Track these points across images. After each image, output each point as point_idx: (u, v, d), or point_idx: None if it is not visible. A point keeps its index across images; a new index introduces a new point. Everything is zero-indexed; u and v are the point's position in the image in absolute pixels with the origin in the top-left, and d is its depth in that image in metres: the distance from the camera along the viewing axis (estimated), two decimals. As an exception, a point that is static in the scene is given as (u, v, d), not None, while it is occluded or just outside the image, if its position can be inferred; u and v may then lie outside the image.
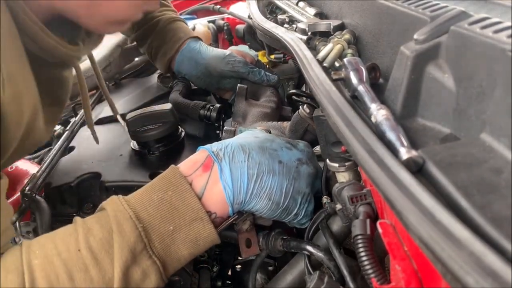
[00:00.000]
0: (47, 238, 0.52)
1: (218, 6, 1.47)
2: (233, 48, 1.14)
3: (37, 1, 0.57)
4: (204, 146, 0.61)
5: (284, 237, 0.67)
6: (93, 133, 0.85)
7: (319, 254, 0.62)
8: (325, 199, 0.64)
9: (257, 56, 1.14)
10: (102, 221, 0.52)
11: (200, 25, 1.44)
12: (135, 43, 1.17)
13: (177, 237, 0.53)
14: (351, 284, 0.55)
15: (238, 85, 0.92)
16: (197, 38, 1.07)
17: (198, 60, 1.01)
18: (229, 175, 0.56)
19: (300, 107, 0.77)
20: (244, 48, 1.26)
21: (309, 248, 0.63)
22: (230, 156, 0.58)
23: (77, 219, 0.54)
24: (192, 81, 1.07)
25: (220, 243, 0.57)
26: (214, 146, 0.60)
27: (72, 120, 1.01)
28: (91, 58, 0.81)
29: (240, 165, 0.57)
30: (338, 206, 0.55)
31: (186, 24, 1.11)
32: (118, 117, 0.92)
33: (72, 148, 0.90)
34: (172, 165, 0.59)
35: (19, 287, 0.47)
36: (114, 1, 0.61)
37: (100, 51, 1.14)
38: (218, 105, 0.94)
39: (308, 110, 0.76)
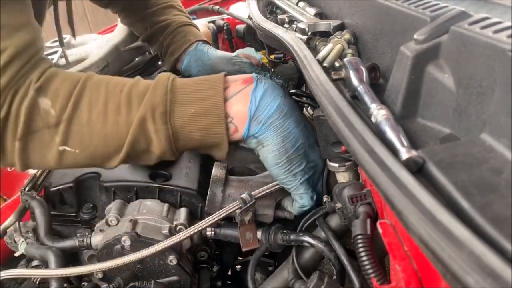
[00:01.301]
0: (107, 76, 0.66)
1: (218, 7, 1.47)
2: (239, 51, 1.15)
3: None
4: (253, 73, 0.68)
5: (284, 231, 0.68)
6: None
7: (319, 246, 0.62)
8: (325, 198, 0.64)
9: (262, 59, 1.14)
10: (149, 82, 0.64)
11: (200, 25, 1.44)
12: (135, 44, 1.18)
13: (194, 120, 0.62)
14: (351, 274, 0.55)
15: None
16: (206, 42, 1.10)
17: (205, 60, 1.03)
18: (261, 95, 0.63)
19: (304, 108, 0.77)
20: (250, 50, 1.27)
21: (309, 239, 0.64)
22: (270, 85, 0.65)
23: (138, 77, 0.66)
24: None
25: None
26: (261, 76, 0.67)
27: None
28: None
29: (275, 96, 0.64)
30: (338, 205, 0.55)
31: (198, 29, 1.14)
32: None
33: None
34: (223, 73, 0.66)
35: (69, 92, 0.61)
36: None
37: (98, 52, 1.14)
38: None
39: (311, 112, 0.76)
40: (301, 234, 0.66)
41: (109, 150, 0.63)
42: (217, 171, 0.68)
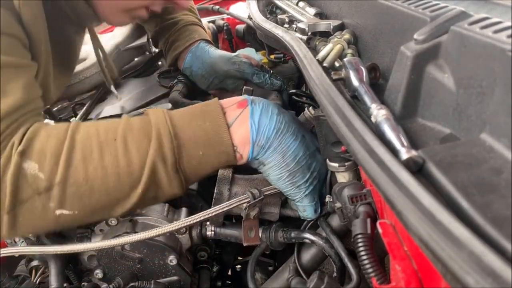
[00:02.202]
0: (93, 123, 0.60)
1: (218, 7, 1.47)
2: (240, 51, 1.15)
3: None
4: (244, 95, 0.67)
5: (284, 229, 0.68)
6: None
7: (320, 242, 0.63)
8: (327, 198, 0.64)
9: (262, 60, 1.14)
10: (143, 124, 0.59)
11: (200, 25, 1.44)
12: (135, 43, 1.18)
13: (203, 161, 0.60)
14: (351, 270, 0.55)
15: (244, 87, 0.93)
16: (210, 42, 1.11)
17: (205, 59, 1.03)
18: (258, 118, 0.62)
19: (306, 109, 0.78)
20: (250, 51, 1.27)
21: (310, 236, 0.64)
22: (264, 106, 0.64)
23: (125, 116, 0.62)
24: (196, 81, 1.07)
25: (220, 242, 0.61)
26: (252, 97, 0.67)
27: (72, 119, 1.01)
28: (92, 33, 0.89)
29: (271, 116, 0.63)
30: (338, 205, 0.55)
31: (205, 30, 1.16)
32: (112, 88, 0.96)
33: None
34: (216, 99, 0.65)
35: (57, 149, 0.55)
36: None
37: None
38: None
39: (313, 112, 0.76)
40: (301, 231, 0.66)
41: (112, 202, 0.59)
42: (223, 170, 0.69)
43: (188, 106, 0.64)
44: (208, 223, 0.72)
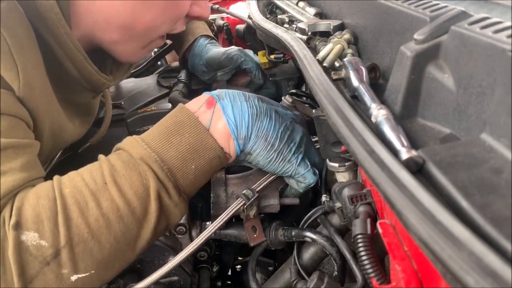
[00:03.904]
0: (75, 173, 0.56)
1: (217, 6, 1.47)
2: None
3: (78, 34, 0.67)
4: (205, 92, 0.65)
5: (285, 227, 0.68)
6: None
7: (321, 240, 0.63)
8: (324, 198, 0.64)
9: (259, 61, 1.16)
10: (124, 159, 0.56)
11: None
12: None
13: (198, 173, 0.59)
14: (354, 267, 0.55)
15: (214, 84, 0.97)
16: (209, 36, 1.17)
17: (203, 55, 1.10)
18: (231, 111, 0.61)
19: (283, 97, 0.78)
20: (248, 52, 1.28)
21: (311, 234, 0.64)
22: (231, 97, 0.62)
23: (101, 156, 0.59)
24: (199, 75, 1.14)
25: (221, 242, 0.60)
26: (215, 91, 0.65)
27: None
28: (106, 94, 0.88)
29: (241, 104, 0.62)
30: (338, 205, 0.55)
31: (208, 21, 1.23)
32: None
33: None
34: (180, 104, 0.62)
35: (51, 210, 0.51)
36: (147, 23, 0.70)
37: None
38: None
39: (290, 100, 0.76)
40: (302, 229, 0.66)
41: (124, 248, 0.55)
42: (216, 173, 0.68)
43: (156, 123, 0.62)
44: (208, 223, 0.72)
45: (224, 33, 1.47)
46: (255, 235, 0.68)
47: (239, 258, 0.91)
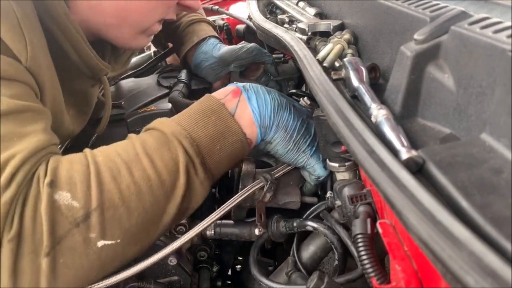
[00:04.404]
0: (106, 146, 0.58)
1: (217, 7, 1.47)
2: None
3: (76, 19, 0.68)
4: (230, 84, 0.69)
5: (286, 220, 0.69)
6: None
7: (322, 229, 0.64)
8: (329, 193, 0.65)
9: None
10: (155, 136, 0.59)
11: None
12: None
13: (222, 155, 0.61)
14: (355, 253, 0.56)
15: (232, 73, 0.96)
16: (217, 38, 1.16)
17: (214, 53, 1.10)
18: (256, 102, 0.64)
19: (301, 99, 0.79)
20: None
21: (312, 223, 0.65)
22: (255, 89, 0.67)
23: (131, 135, 0.61)
24: (204, 74, 1.13)
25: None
26: (240, 83, 0.68)
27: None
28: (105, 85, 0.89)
29: (264, 96, 0.66)
30: (338, 203, 0.55)
31: (210, 22, 1.21)
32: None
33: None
34: (207, 94, 0.66)
35: (84, 175, 0.52)
36: (140, 7, 0.72)
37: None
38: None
39: (309, 102, 0.79)
40: (304, 219, 0.68)
41: (150, 220, 0.56)
42: (247, 166, 0.70)
43: (185, 109, 0.64)
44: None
45: (224, 33, 1.47)
46: (262, 221, 0.70)
47: (239, 258, 0.91)
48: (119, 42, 0.80)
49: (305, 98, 0.80)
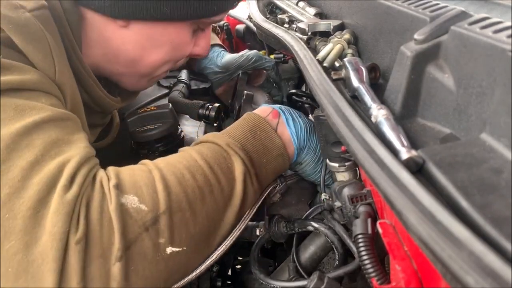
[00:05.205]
0: (162, 158, 0.58)
1: (218, 6, 1.46)
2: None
3: (87, 62, 0.70)
4: (264, 104, 0.71)
5: (287, 220, 0.70)
6: None
7: (322, 229, 0.64)
8: (323, 196, 0.65)
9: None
10: (209, 147, 0.60)
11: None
12: None
13: (268, 168, 0.64)
14: (355, 250, 0.56)
15: (245, 92, 0.98)
16: (219, 45, 1.17)
17: (218, 60, 1.12)
18: (292, 124, 0.68)
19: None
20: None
21: (313, 223, 0.66)
22: (290, 112, 0.70)
23: (184, 147, 0.62)
24: (209, 76, 1.14)
25: None
26: (275, 105, 0.71)
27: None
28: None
29: (298, 120, 0.69)
30: (337, 204, 0.55)
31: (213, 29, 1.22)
32: None
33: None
34: (248, 112, 0.69)
35: (149, 179, 0.51)
36: (154, 60, 0.74)
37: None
38: (217, 105, 0.94)
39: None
40: (304, 220, 0.68)
41: (211, 227, 0.55)
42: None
43: (229, 126, 0.66)
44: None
45: (224, 33, 1.47)
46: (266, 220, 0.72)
47: (239, 258, 0.91)
48: (126, 86, 0.81)
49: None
